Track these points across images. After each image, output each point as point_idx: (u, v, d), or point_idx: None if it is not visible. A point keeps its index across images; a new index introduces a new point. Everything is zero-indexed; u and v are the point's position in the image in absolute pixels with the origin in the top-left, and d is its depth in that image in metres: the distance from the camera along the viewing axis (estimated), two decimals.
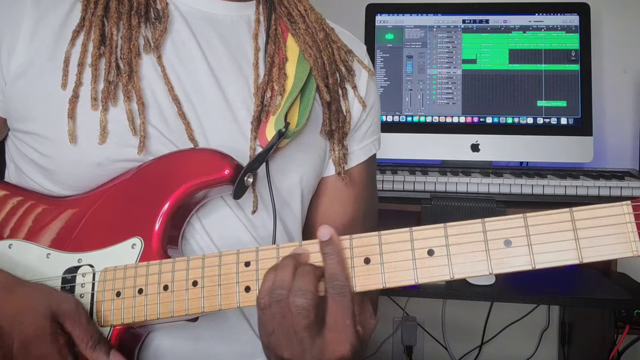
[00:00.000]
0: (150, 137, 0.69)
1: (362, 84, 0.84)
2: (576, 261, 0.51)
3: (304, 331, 0.54)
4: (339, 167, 0.81)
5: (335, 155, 0.81)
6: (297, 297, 0.54)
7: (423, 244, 0.56)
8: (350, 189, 0.84)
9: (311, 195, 0.82)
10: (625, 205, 0.51)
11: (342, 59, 0.82)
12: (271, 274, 0.57)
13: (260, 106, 0.73)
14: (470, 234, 0.54)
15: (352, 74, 0.83)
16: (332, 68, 0.80)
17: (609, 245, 0.51)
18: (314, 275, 0.56)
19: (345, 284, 0.55)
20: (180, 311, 0.62)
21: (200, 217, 0.71)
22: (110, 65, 0.69)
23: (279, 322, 0.55)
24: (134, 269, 0.65)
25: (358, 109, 0.83)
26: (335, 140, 0.80)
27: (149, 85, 0.70)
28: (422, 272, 0.55)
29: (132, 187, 0.68)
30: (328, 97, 0.78)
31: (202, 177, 0.66)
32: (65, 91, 0.68)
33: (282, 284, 0.55)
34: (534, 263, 0.52)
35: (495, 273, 0.53)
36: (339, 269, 0.56)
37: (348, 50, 0.84)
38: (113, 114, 0.68)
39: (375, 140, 0.89)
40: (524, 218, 0.53)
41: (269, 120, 0.72)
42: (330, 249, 0.56)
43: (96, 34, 0.70)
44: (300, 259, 0.58)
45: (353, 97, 0.82)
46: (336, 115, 0.79)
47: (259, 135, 0.72)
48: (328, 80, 0.79)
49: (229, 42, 0.76)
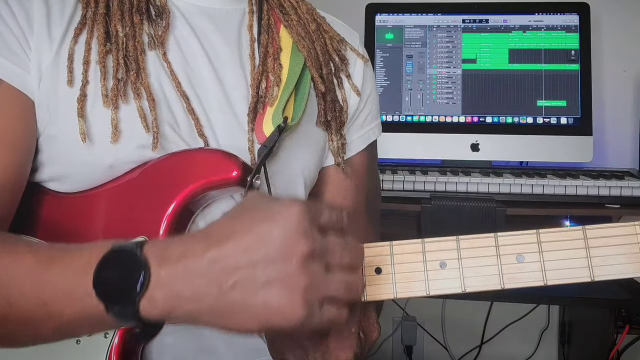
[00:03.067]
0: (164, 135, 0.69)
1: (358, 73, 0.84)
2: (588, 279, 0.52)
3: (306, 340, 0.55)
4: (339, 158, 0.81)
5: (333, 146, 0.81)
6: None
7: (435, 257, 0.55)
8: (351, 178, 0.84)
9: (312, 186, 0.82)
10: (638, 225, 0.52)
11: (335, 49, 0.82)
12: None
13: (256, 97, 0.73)
14: (483, 248, 0.54)
15: (346, 63, 0.83)
16: (325, 58, 0.80)
17: (620, 265, 0.52)
18: None
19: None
20: None
21: (205, 216, 0.71)
22: (118, 63, 0.68)
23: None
24: None
25: (355, 98, 0.83)
26: (333, 130, 0.80)
27: (157, 82, 0.70)
28: (434, 284, 0.55)
29: (136, 187, 0.68)
30: (323, 88, 0.78)
31: (210, 179, 0.66)
32: (72, 90, 0.67)
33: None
34: (546, 280, 0.53)
35: (507, 288, 0.53)
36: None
37: (341, 40, 0.83)
38: (124, 112, 0.68)
39: (375, 127, 0.88)
40: (537, 234, 0.53)
41: (265, 112, 0.72)
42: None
43: (100, 32, 0.69)
44: None
45: (349, 87, 0.82)
46: (332, 106, 0.79)
47: (256, 130, 0.72)
48: (322, 70, 0.79)
49: (226, 35, 0.76)
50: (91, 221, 0.69)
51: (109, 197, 0.69)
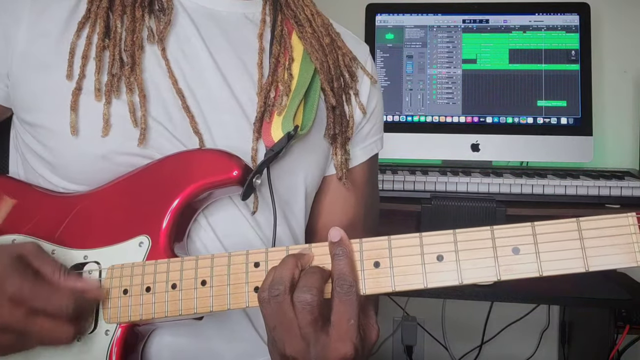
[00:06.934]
0: (152, 130, 0.69)
1: (364, 90, 0.85)
2: (582, 270, 0.52)
3: (308, 327, 0.55)
4: (340, 172, 0.82)
5: (337, 160, 0.81)
6: (303, 293, 0.55)
7: (432, 249, 0.56)
8: (350, 190, 0.85)
9: (313, 194, 0.83)
10: (630, 216, 0.53)
11: (346, 65, 0.83)
12: (272, 270, 0.58)
13: (263, 107, 0.73)
14: (479, 240, 0.55)
15: (355, 80, 0.83)
16: (337, 73, 0.81)
17: (614, 255, 0.52)
18: (320, 275, 0.56)
19: (353, 284, 0.56)
20: (189, 310, 0.62)
21: (206, 215, 0.71)
22: (114, 59, 0.69)
23: (279, 319, 0.56)
24: (142, 267, 0.65)
25: (359, 114, 0.84)
26: (338, 144, 0.81)
27: (152, 79, 0.71)
28: (431, 276, 0.56)
29: (139, 185, 0.69)
30: (334, 101, 0.79)
31: (211, 178, 0.67)
32: (70, 83, 0.68)
33: (280, 280, 0.56)
34: (541, 270, 0.54)
35: (504, 279, 0.54)
36: (348, 270, 0.56)
37: (353, 57, 0.84)
38: (116, 107, 0.68)
39: (377, 140, 0.89)
40: (532, 227, 0.54)
41: (273, 119, 0.72)
42: (340, 250, 0.57)
43: (101, 27, 0.70)
44: (303, 259, 0.58)
45: (355, 103, 0.83)
46: (340, 120, 0.80)
47: (264, 135, 0.72)
48: (333, 84, 0.79)
49: (232, 39, 0.76)
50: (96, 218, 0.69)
51: (112, 195, 0.69)
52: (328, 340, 0.55)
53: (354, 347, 0.55)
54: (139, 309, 0.64)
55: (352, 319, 0.55)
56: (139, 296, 0.64)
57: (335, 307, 0.55)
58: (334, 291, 0.56)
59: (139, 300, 0.64)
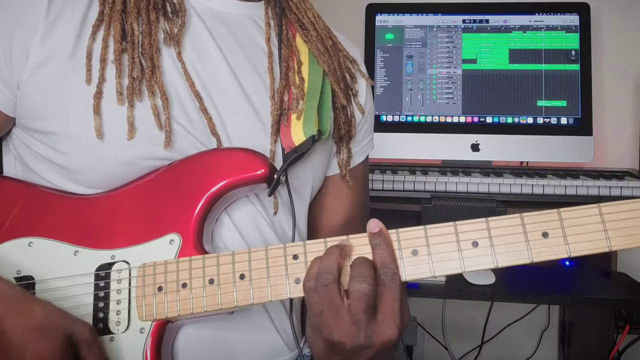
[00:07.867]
0: (176, 134, 0.69)
1: (362, 91, 0.88)
2: (606, 249, 0.57)
3: (363, 313, 0.58)
4: (344, 170, 0.85)
5: (341, 159, 0.84)
6: (359, 283, 0.57)
7: (467, 237, 0.60)
8: (351, 188, 0.87)
9: (317, 191, 0.85)
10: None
11: (346, 67, 0.85)
12: (317, 260, 0.60)
13: (279, 110, 0.74)
14: (511, 227, 0.59)
15: (354, 81, 0.86)
16: (342, 74, 0.83)
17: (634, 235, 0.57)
18: (370, 265, 0.59)
19: (396, 271, 0.59)
20: (229, 303, 0.63)
21: (229, 213, 0.72)
22: (133, 62, 0.69)
23: (327, 305, 0.58)
24: (176, 264, 0.65)
25: (359, 114, 0.86)
26: (343, 143, 0.84)
27: (170, 81, 0.71)
28: (468, 261, 0.60)
29: (165, 184, 0.69)
30: (345, 102, 0.81)
31: (239, 175, 0.68)
32: (89, 88, 0.67)
33: (329, 269, 0.58)
34: (569, 251, 0.58)
35: (536, 261, 0.58)
36: (390, 258, 0.59)
37: (353, 59, 0.87)
38: (139, 110, 0.68)
39: (371, 140, 0.93)
40: (558, 212, 0.59)
41: (291, 122, 0.74)
42: (380, 240, 0.60)
43: (117, 29, 0.69)
44: (345, 249, 0.61)
45: (355, 104, 0.86)
46: (347, 119, 0.83)
47: (283, 137, 0.74)
48: (341, 85, 0.81)
49: (241, 41, 0.77)
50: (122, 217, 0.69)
51: (137, 194, 0.70)
52: (376, 325, 0.58)
53: (399, 330, 0.59)
54: (176, 305, 0.65)
55: (396, 304, 0.58)
56: (175, 292, 0.65)
57: (382, 295, 0.58)
58: (378, 279, 0.59)
59: (175, 297, 0.65)
